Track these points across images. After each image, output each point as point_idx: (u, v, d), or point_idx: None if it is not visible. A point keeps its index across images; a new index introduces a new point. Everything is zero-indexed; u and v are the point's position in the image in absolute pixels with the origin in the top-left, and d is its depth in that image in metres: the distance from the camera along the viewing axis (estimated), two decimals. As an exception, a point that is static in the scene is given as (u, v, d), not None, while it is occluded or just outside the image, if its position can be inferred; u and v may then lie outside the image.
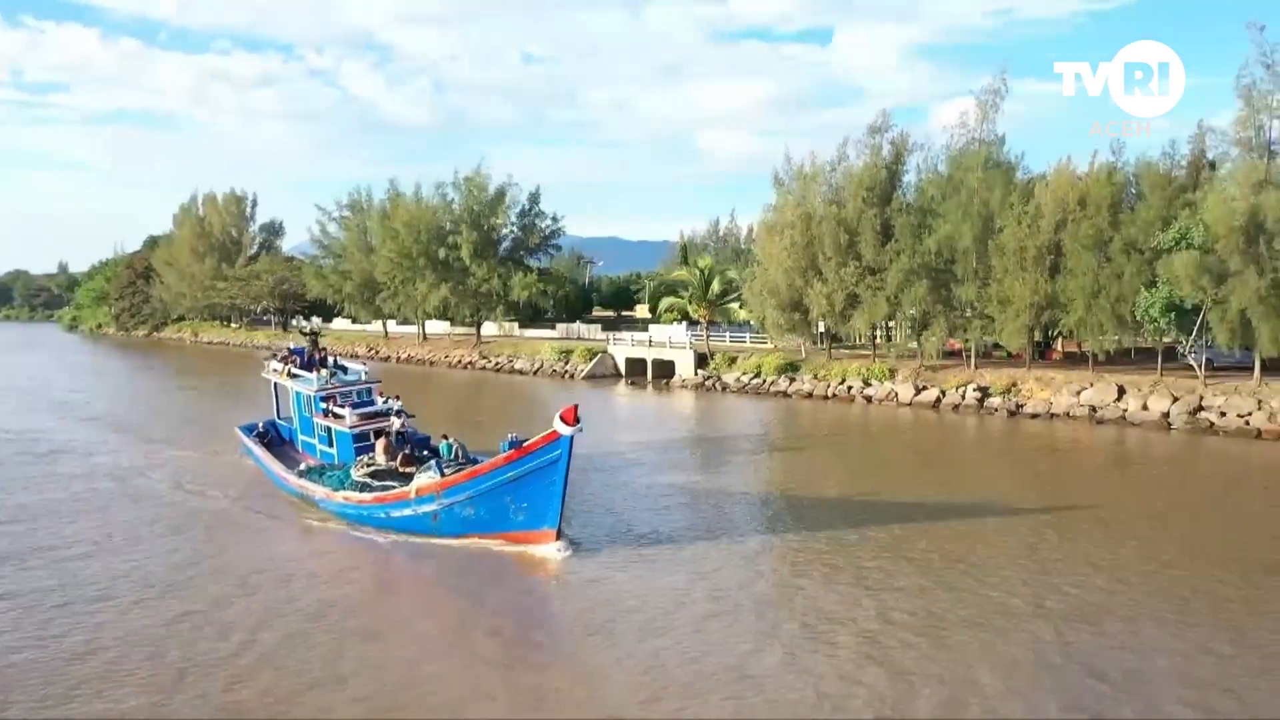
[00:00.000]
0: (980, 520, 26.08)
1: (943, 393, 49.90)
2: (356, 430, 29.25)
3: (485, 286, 79.70)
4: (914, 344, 54.18)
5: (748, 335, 68.82)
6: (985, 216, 49.04)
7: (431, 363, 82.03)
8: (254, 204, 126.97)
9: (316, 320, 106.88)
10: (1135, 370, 47.33)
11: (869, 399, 52.33)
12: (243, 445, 34.85)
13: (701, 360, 63.59)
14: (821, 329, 59.99)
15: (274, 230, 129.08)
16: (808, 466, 36.08)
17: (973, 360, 52.51)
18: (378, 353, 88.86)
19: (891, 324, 57.88)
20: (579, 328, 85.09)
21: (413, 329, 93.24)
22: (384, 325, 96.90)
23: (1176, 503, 29.26)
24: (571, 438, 21.80)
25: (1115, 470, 35.68)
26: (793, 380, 56.88)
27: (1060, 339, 54.65)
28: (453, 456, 25.84)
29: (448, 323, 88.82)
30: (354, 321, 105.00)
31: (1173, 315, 42.42)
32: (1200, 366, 43.77)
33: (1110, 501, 28.67)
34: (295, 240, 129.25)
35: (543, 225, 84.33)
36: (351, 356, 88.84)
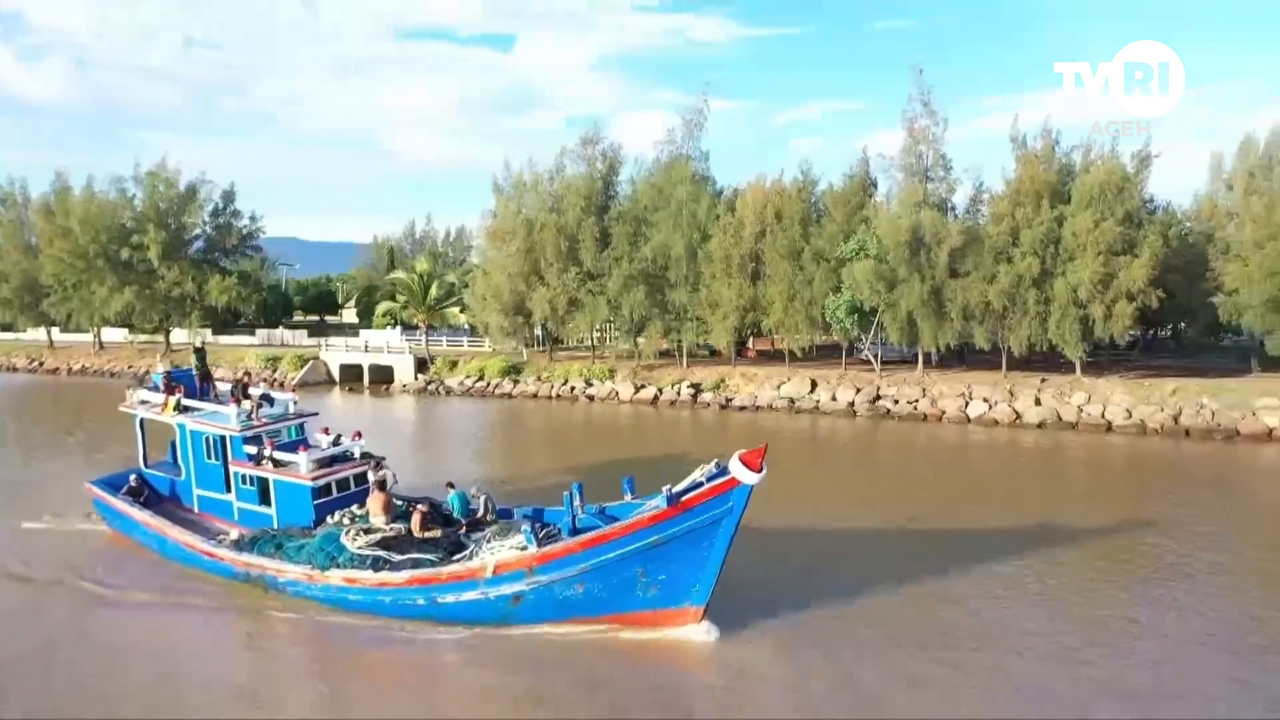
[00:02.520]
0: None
1: (660, 390, 53.47)
2: (319, 483, 22.18)
3: (177, 290, 73.82)
4: (632, 344, 57.63)
5: (465, 339, 69.40)
6: (694, 227, 53.28)
7: (112, 374, 74.35)
8: None
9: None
10: (824, 365, 53.63)
11: (591, 398, 54.85)
12: (103, 508, 25.68)
13: (421, 365, 63.27)
14: (539, 332, 62.03)
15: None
16: (547, 458, 37.58)
17: (684, 359, 56.73)
18: (41, 364, 79.31)
19: (609, 326, 61.10)
20: (282, 334, 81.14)
21: (85, 337, 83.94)
22: (48, 333, 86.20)
23: (871, 473, 33.98)
24: (751, 489, 16.94)
25: (811, 447, 40.43)
26: (516, 382, 58.27)
27: (753, 338, 60.59)
28: (483, 512, 21.11)
29: (126, 330, 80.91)
30: (7, 330, 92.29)
31: (855, 316, 48.72)
32: (877, 361, 50.61)
33: (810, 472, 32.79)
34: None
35: (240, 225, 79.48)
36: (10, 370, 79.37)
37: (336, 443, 23.87)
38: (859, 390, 48.82)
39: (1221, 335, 55.63)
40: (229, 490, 23.85)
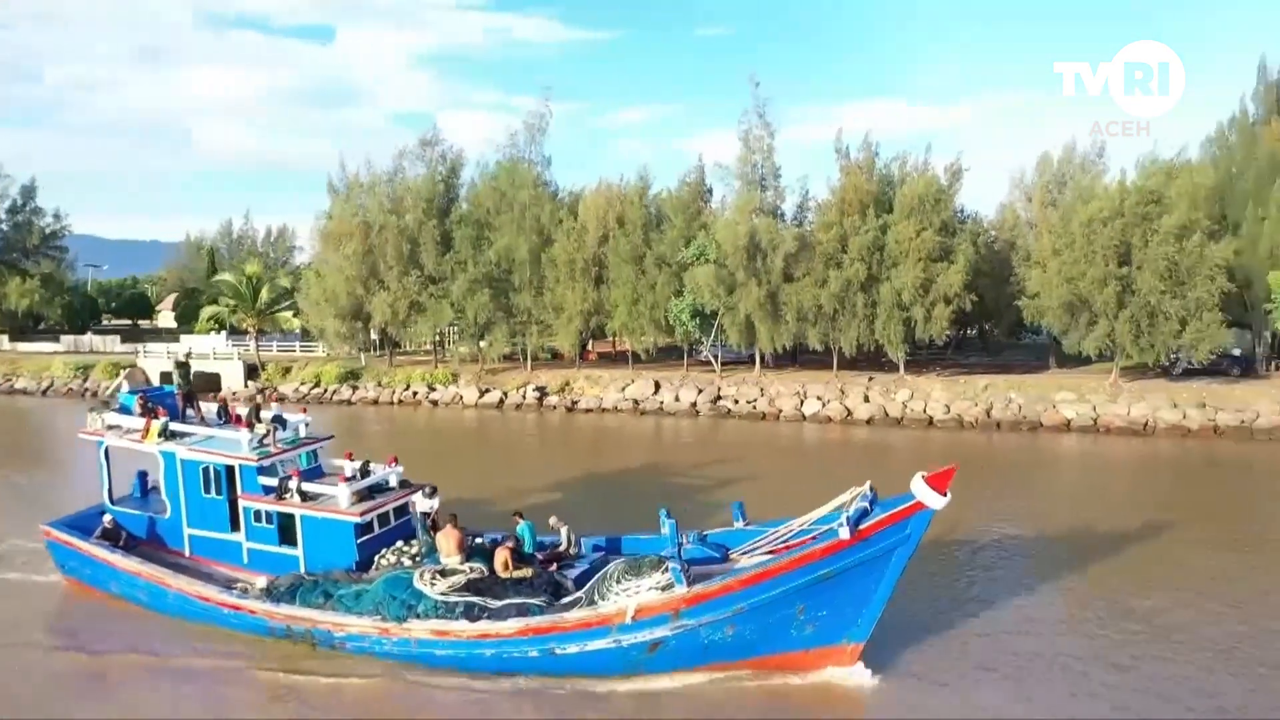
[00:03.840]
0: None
1: (505, 394, 53.46)
2: (365, 519, 19.28)
3: (-31, 294, 67.97)
4: (475, 348, 57.36)
5: (297, 344, 67.04)
6: (538, 230, 53.61)
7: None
8: None
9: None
10: (665, 367, 55.08)
11: (435, 403, 54.21)
12: (66, 555, 21.61)
13: (252, 371, 60.83)
14: (377, 336, 60.82)
15: None
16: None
17: (529, 362, 56.94)
18: None
19: (450, 330, 60.50)
20: (91, 340, 75.79)
21: None
22: None
23: (699, 463, 35.37)
24: (933, 515, 15.47)
25: (652, 444, 41.62)
26: (355, 388, 56.92)
27: (593, 341, 61.55)
28: (565, 545, 19.39)
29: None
30: None
31: (697, 319, 50.35)
32: (717, 362, 52.47)
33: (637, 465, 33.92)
34: None
35: (42, 224, 73.92)
36: None
37: (365, 470, 20.63)
38: (700, 391, 50.45)
39: (1022, 334, 60.65)
40: (235, 529, 20.46)
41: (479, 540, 19.13)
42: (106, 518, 21.56)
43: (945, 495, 14.99)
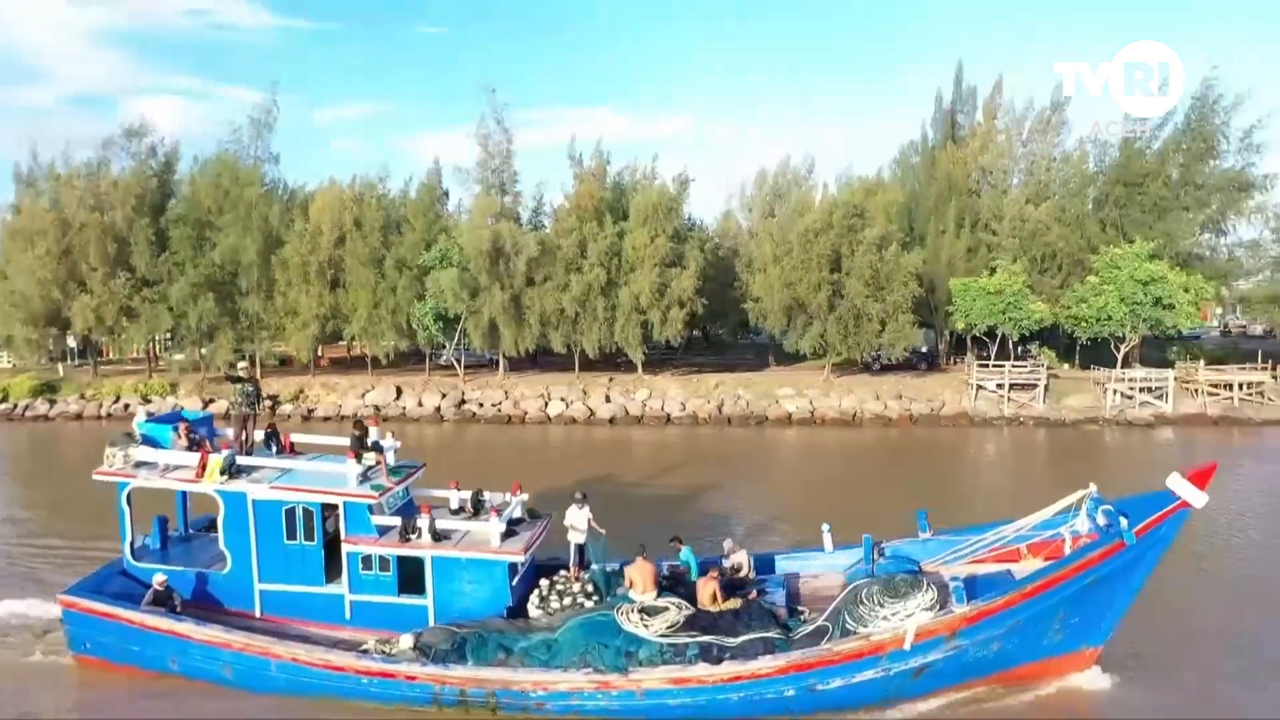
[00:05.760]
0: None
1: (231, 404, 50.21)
2: (526, 557, 16.64)
3: None
4: (197, 356, 53.51)
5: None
6: (266, 232, 50.94)
7: None
8: None
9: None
10: (406, 372, 54.18)
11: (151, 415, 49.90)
12: (96, 629, 17.06)
13: (-83, 387, 52.99)
14: (75, 345, 55.21)
15: None
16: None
17: (258, 370, 53.82)
18: None
19: (162, 338, 56.07)
20: None
21: None
22: None
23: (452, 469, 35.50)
24: (1189, 514, 14.86)
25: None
26: (53, 402, 51.24)
27: (323, 346, 59.27)
28: (746, 570, 17.44)
29: None
30: None
31: (441, 323, 50.00)
32: (460, 366, 52.35)
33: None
34: None
35: None
36: None
37: (477, 500, 17.92)
38: (444, 395, 50.13)
39: (744, 335, 65.30)
40: (331, 579, 17.22)
41: (708, 573, 16.93)
42: (158, 579, 17.25)
43: (1205, 493, 14.45)
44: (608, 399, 49.18)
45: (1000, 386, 47.67)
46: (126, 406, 50.38)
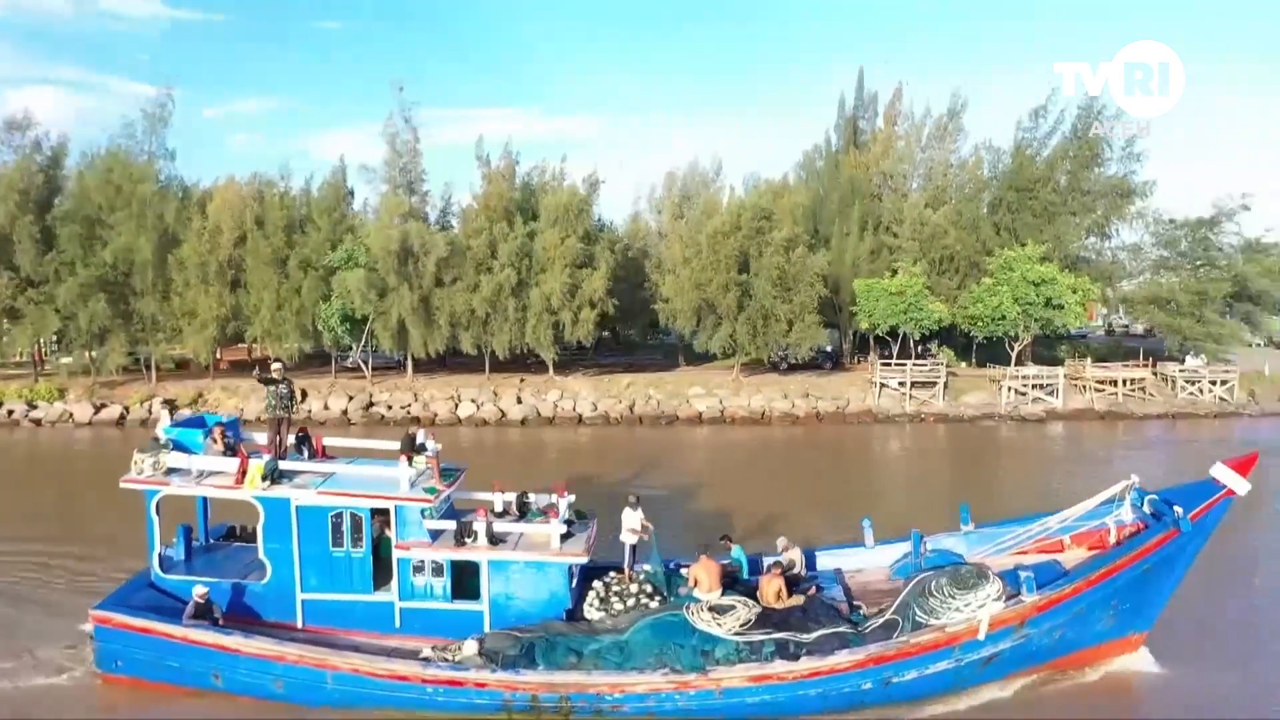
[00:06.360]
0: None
1: (126, 409, 48.40)
2: (588, 559, 16.50)
3: None
4: (88, 359, 51.33)
5: None
6: (162, 230, 49.21)
7: None
8: None
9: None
10: (312, 374, 52.86)
11: (38, 422, 47.65)
12: (133, 644, 16.16)
13: None
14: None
15: None
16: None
17: (154, 374, 51.99)
18: None
19: (47, 340, 53.65)
20: None
21: None
22: None
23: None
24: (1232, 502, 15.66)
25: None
26: (-74, 409, 48.49)
27: (221, 349, 57.44)
28: (800, 567, 17.44)
29: None
30: None
31: (347, 325, 49.05)
32: (368, 368, 51.45)
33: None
34: None
35: None
36: None
37: (523, 501, 17.86)
38: (351, 398, 49.18)
39: (654, 335, 65.75)
40: (379, 587, 16.82)
41: (769, 570, 17.17)
42: (199, 590, 16.44)
43: (1248, 481, 15.23)
44: (519, 400, 48.99)
45: (902, 384, 49.21)
46: (11, 413, 48.03)
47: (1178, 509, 15.45)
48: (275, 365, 18.80)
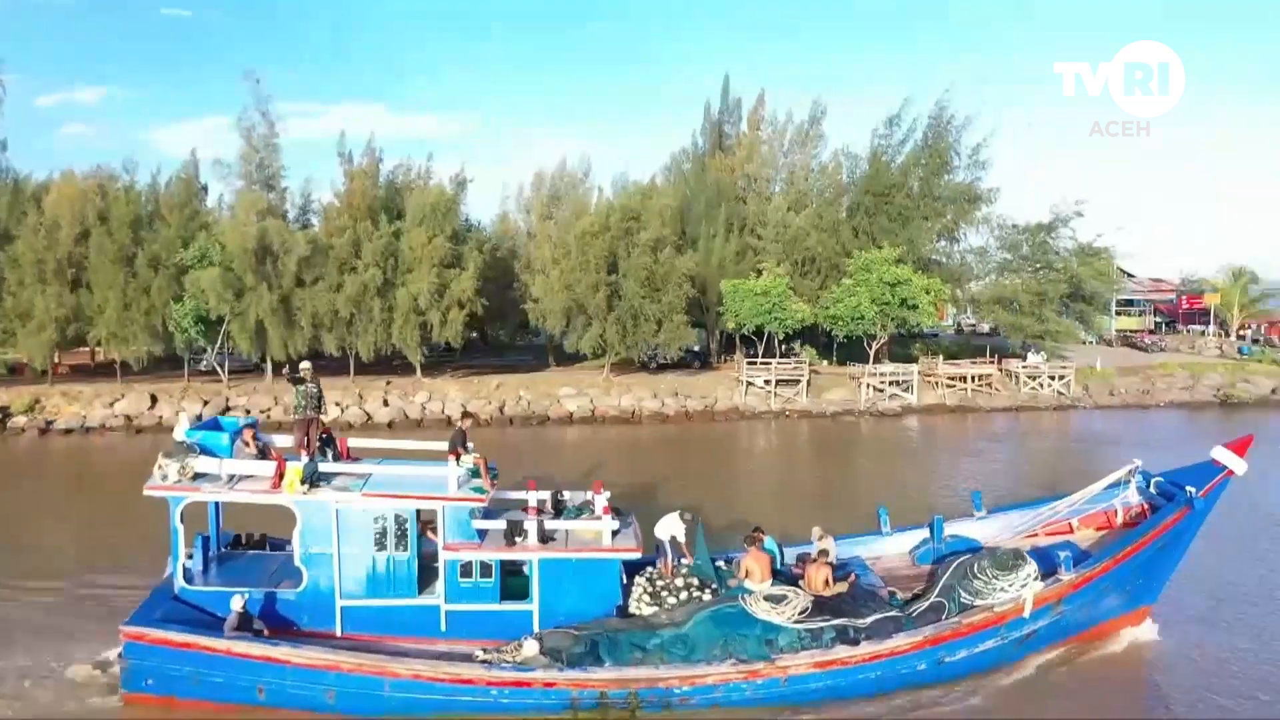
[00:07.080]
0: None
1: (-49, 418, 44.94)
2: (639, 553, 16.45)
3: None
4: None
5: None
6: (-9, 225, 46.03)
7: None
8: None
9: None
10: (162, 378, 50.22)
11: None
12: (169, 660, 14.98)
13: None
14: None
15: None
16: None
17: None
18: None
19: None
20: None
21: None
22: None
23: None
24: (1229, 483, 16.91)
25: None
26: None
27: (59, 352, 54.01)
28: (832, 556, 17.15)
29: None
30: None
31: (202, 326, 46.88)
32: (224, 371, 49.29)
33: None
34: None
35: None
36: None
37: (558, 500, 17.46)
38: (207, 403, 46.95)
39: (524, 336, 65.36)
40: (424, 590, 16.19)
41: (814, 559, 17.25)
42: (237, 601, 15.46)
43: (1245, 460, 16.61)
44: (385, 403, 47.91)
45: (768, 383, 50.53)
46: None
47: (1190, 489, 16.63)
48: (304, 365, 18.14)
